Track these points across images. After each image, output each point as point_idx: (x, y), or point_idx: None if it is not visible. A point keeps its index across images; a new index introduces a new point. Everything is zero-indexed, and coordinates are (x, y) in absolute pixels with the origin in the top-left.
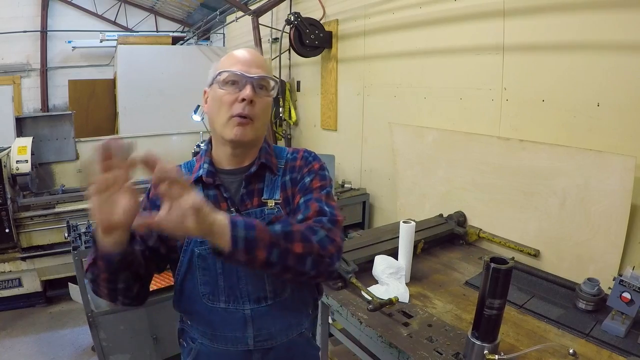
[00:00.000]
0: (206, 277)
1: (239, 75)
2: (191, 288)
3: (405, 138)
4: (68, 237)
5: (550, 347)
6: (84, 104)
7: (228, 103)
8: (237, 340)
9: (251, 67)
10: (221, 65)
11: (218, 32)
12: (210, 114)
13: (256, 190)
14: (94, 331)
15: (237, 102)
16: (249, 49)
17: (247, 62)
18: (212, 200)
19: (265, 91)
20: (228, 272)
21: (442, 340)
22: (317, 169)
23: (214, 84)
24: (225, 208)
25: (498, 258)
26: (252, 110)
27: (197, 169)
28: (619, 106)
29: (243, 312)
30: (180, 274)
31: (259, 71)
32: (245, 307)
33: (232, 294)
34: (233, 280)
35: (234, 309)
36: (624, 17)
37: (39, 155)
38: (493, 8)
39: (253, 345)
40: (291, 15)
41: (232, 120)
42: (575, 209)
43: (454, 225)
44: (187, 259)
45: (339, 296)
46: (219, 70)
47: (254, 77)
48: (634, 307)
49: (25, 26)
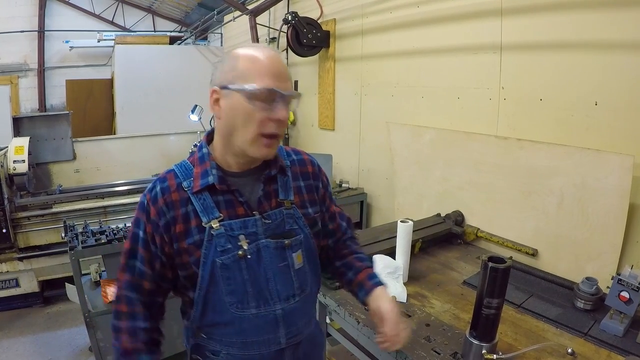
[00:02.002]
0: (232, 286)
1: (277, 93)
2: (216, 300)
3: (402, 137)
4: (65, 237)
5: (548, 346)
6: (81, 104)
7: (259, 121)
8: (269, 342)
9: (284, 82)
10: (247, 69)
11: (215, 31)
12: (229, 125)
13: (272, 192)
14: (91, 331)
15: (269, 121)
16: (274, 54)
17: (280, 75)
18: (225, 206)
19: (289, 105)
20: (255, 277)
21: (440, 340)
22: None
23: (239, 93)
24: (242, 213)
25: (496, 257)
26: (281, 128)
27: (199, 175)
28: (616, 105)
29: (274, 314)
30: (202, 288)
31: (288, 84)
32: (276, 307)
33: (261, 297)
34: (262, 284)
35: (265, 312)
36: (621, 16)
37: (36, 155)
38: (490, 7)
39: (285, 343)
40: (289, 15)
41: (260, 139)
42: (573, 208)
43: (452, 224)
44: (207, 272)
45: (336, 296)
46: (249, 83)
47: (289, 95)
48: (632, 306)
49: (23, 26)
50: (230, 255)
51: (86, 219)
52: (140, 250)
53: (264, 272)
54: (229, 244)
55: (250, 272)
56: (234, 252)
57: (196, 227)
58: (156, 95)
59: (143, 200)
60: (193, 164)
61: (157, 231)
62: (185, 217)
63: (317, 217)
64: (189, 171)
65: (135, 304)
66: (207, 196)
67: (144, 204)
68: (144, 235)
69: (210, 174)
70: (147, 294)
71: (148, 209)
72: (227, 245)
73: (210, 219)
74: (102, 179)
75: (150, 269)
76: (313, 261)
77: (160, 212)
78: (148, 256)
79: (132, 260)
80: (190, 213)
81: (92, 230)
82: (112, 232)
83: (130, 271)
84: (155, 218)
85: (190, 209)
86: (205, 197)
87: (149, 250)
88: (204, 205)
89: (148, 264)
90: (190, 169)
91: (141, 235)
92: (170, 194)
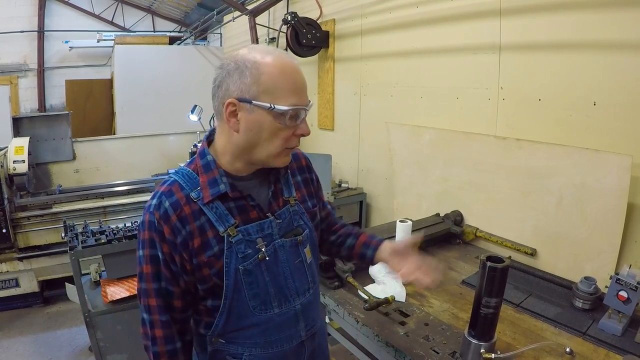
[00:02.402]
0: (254, 290)
1: (302, 110)
2: (240, 306)
3: (402, 137)
4: (65, 237)
5: (547, 345)
6: (81, 104)
7: (285, 137)
8: (291, 337)
9: (305, 95)
10: (273, 86)
11: (215, 32)
12: (250, 139)
13: (278, 191)
14: (91, 331)
15: (293, 136)
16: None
17: (304, 90)
18: (238, 211)
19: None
20: (275, 277)
21: (439, 339)
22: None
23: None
24: (255, 216)
25: (494, 257)
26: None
27: (207, 183)
28: (615, 105)
29: (294, 309)
30: (227, 297)
31: (307, 95)
32: (295, 303)
33: (282, 296)
34: (281, 283)
35: (286, 309)
36: (620, 16)
37: (36, 155)
38: (489, 7)
39: (305, 335)
40: (288, 15)
41: (284, 151)
42: (572, 208)
43: (451, 224)
44: (232, 281)
45: (335, 295)
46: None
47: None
48: (630, 305)
49: (22, 26)
50: (251, 260)
51: (86, 219)
52: (163, 270)
53: (282, 271)
54: (249, 249)
55: (270, 274)
56: (255, 256)
57: (214, 237)
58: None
59: (152, 219)
60: (196, 171)
61: (176, 250)
62: (201, 229)
63: (316, 210)
64: (194, 180)
65: (171, 326)
66: (219, 204)
67: (154, 223)
68: (162, 255)
69: (221, 182)
70: (179, 312)
71: (160, 228)
72: (248, 250)
73: (227, 227)
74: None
75: (177, 287)
76: (316, 253)
77: (174, 229)
78: (171, 275)
79: (158, 283)
80: (205, 224)
81: (92, 230)
82: (112, 232)
83: (159, 295)
84: (170, 237)
85: (205, 220)
86: (217, 205)
87: (170, 269)
88: (218, 214)
89: (174, 283)
90: (194, 177)
91: (160, 256)
92: (181, 208)
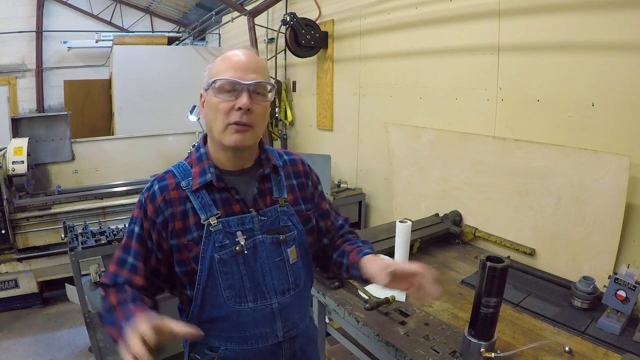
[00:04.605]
0: (229, 280)
1: (235, 82)
2: (214, 295)
3: (401, 138)
4: (64, 238)
5: (546, 344)
6: (79, 105)
7: (224, 111)
8: (267, 335)
9: (247, 73)
10: (216, 68)
11: (214, 32)
12: (207, 120)
13: (267, 190)
14: (91, 332)
15: (233, 110)
16: (244, 49)
17: (242, 67)
18: (222, 203)
19: (262, 97)
20: (252, 272)
21: (439, 339)
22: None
23: (209, 90)
24: (238, 210)
25: (494, 257)
26: (250, 118)
27: (198, 174)
28: (613, 106)
29: (271, 307)
30: (201, 283)
31: (254, 76)
32: (272, 301)
33: (258, 291)
34: (258, 278)
35: (262, 306)
36: (618, 17)
37: (35, 156)
38: (488, 8)
39: (282, 336)
40: (287, 16)
41: (229, 128)
42: (571, 208)
43: (450, 224)
44: (206, 267)
45: (335, 295)
46: (213, 78)
47: (250, 84)
48: (629, 304)
49: (21, 26)
50: (227, 250)
51: (85, 219)
52: (134, 245)
53: (260, 267)
54: (226, 240)
55: (247, 267)
56: (232, 248)
57: (194, 224)
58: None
59: (141, 198)
60: (191, 164)
61: (154, 228)
62: (184, 214)
63: (310, 214)
64: (187, 171)
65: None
66: (205, 194)
67: (142, 202)
68: (140, 230)
69: (208, 172)
70: (139, 290)
71: (146, 207)
72: (225, 241)
73: (209, 216)
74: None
75: (143, 264)
76: (306, 257)
77: (158, 209)
78: (143, 251)
79: (125, 255)
80: (188, 210)
81: (91, 230)
82: (112, 233)
83: (121, 265)
84: (152, 215)
85: (189, 207)
86: (203, 195)
87: (144, 245)
88: (202, 203)
89: (142, 259)
90: (188, 169)
91: (137, 230)
92: (168, 192)
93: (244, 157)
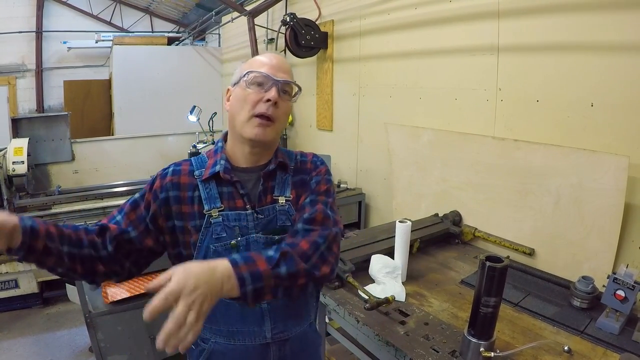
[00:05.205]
0: None
1: (267, 76)
2: None
3: (400, 138)
4: None
5: (545, 344)
6: (79, 105)
7: (252, 102)
8: (255, 334)
9: (278, 72)
10: (249, 66)
11: (213, 32)
12: (232, 112)
13: (269, 188)
14: (92, 332)
15: (261, 102)
16: (276, 54)
17: (274, 66)
18: (227, 197)
19: (288, 96)
20: None
21: (439, 339)
22: (324, 173)
23: (241, 82)
24: (241, 205)
25: (493, 257)
26: (275, 111)
27: (210, 165)
28: (612, 106)
29: (261, 307)
30: None
31: (284, 76)
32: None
33: None
34: None
35: None
36: (617, 17)
37: (35, 156)
38: (488, 9)
39: (271, 338)
40: (287, 16)
41: (253, 120)
42: (570, 208)
43: (450, 224)
44: (202, 255)
45: (335, 295)
46: (246, 70)
47: (280, 81)
48: (627, 304)
49: (21, 26)
50: (223, 243)
51: (85, 219)
52: (126, 207)
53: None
54: (224, 233)
55: None
56: (227, 241)
57: (198, 212)
58: (154, 96)
59: (154, 176)
60: (209, 157)
61: (155, 201)
62: (190, 200)
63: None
64: (204, 162)
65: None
66: (214, 186)
67: (153, 178)
68: (139, 198)
69: (219, 164)
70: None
71: (154, 181)
72: (223, 234)
73: (212, 208)
74: (101, 180)
75: (127, 224)
76: None
77: (163, 186)
78: (133, 216)
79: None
80: (195, 198)
81: None
82: None
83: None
84: (157, 189)
85: (196, 195)
86: (212, 186)
87: (136, 211)
88: (209, 194)
89: (127, 219)
90: (205, 160)
91: (136, 197)
92: (180, 176)
93: (260, 154)
